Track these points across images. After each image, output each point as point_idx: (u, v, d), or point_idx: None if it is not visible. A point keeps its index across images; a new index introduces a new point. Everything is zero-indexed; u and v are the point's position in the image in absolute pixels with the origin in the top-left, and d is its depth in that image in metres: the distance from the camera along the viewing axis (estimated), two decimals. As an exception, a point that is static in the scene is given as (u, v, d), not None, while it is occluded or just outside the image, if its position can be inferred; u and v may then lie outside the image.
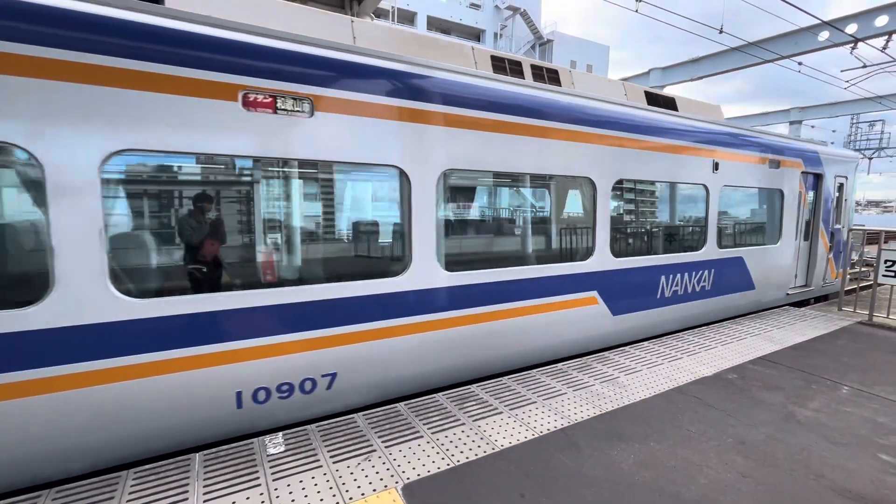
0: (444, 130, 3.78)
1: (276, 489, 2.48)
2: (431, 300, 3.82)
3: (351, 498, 2.43)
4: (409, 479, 2.60)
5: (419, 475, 2.63)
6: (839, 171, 8.21)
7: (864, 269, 10.12)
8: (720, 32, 11.95)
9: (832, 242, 8.19)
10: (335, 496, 2.44)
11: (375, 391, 3.72)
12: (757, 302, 7.06)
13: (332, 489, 2.49)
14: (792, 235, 7.32)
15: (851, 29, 14.09)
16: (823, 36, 14.78)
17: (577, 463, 2.79)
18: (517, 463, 2.78)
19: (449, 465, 2.74)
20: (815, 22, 14.06)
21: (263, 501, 2.38)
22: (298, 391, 3.31)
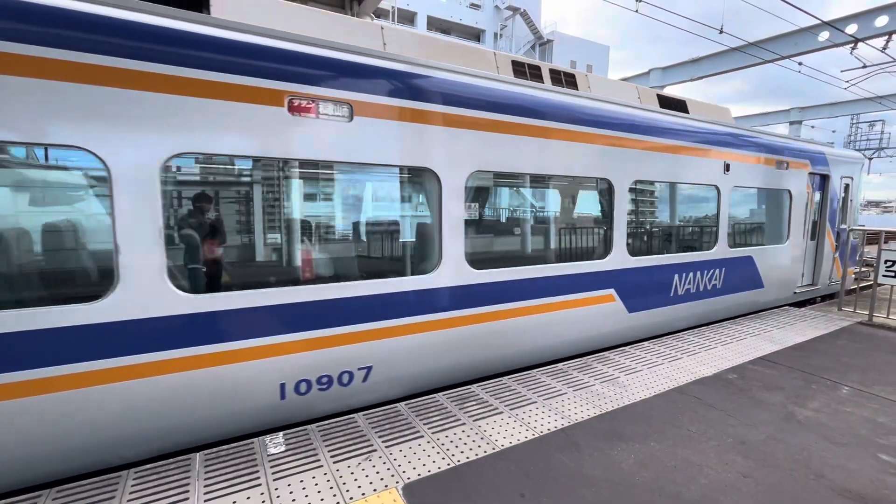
0: (472, 133, 3.88)
1: (276, 489, 2.48)
2: (460, 297, 3.93)
3: (351, 498, 2.43)
4: (409, 478, 2.60)
5: (420, 475, 2.64)
6: (845, 171, 8.28)
7: (863, 269, 10.13)
8: (720, 32, 11.96)
9: (838, 242, 8.24)
10: (335, 496, 2.44)
11: (408, 384, 3.83)
12: (765, 300, 7.10)
13: (332, 489, 2.50)
14: (799, 235, 7.38)
15: (851, 29, 14.09)
16: (823, 36, 14.78)
17: (577, 463, 2.79)
18: (517, 463, 2.78)
19: (449, 464, 2.74)
20: (815, 22, 14.07)
21: (264, 501, 2.38)
22: (337, 383, 3.44)
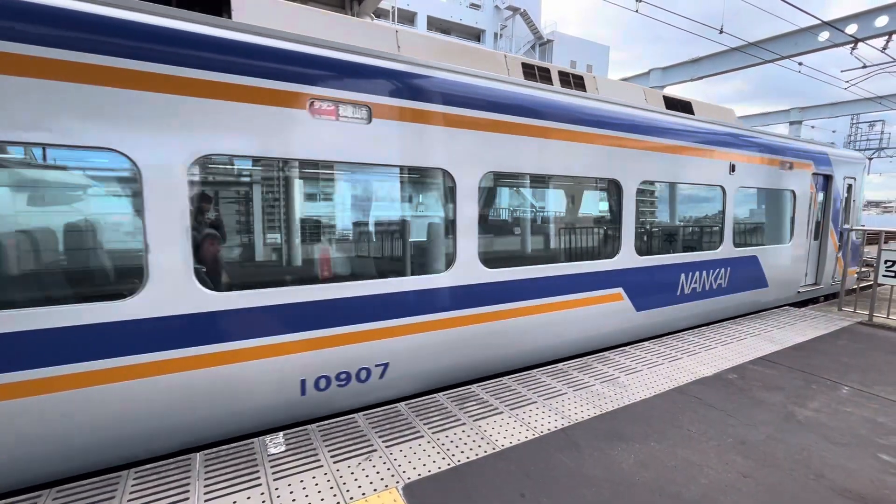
0: (484, 135, 3.92)
1: (276, 489, 2.48)
2: (473, 295, 3.97)
3: (352, 497, 2.43)
4: (409, 478, 2.60)
5: (420, 475, 2.64)
6: (848, 172, 8.31)
7: (864, 269, 10.14)
8: (720, 32, 11.96)
9: (841, 242, 8.27)
10: (336, 496, 2.44)
11: (423, 380, 3.87)
12: (769, 299, 7.13)
13: (332, 489, 2.50)
14: (803, 235, 7.40)
15: (851, 29, 14.09)
16: (823, 36, 14.78)
17: (577, 463, 2.79)
18: (517, 463, 2.78)
19: (449, 464, 2.74)
20: (815, 22, 14.07)
21: (264, 501, 2.38)
22: (355, 380, 3.48)
